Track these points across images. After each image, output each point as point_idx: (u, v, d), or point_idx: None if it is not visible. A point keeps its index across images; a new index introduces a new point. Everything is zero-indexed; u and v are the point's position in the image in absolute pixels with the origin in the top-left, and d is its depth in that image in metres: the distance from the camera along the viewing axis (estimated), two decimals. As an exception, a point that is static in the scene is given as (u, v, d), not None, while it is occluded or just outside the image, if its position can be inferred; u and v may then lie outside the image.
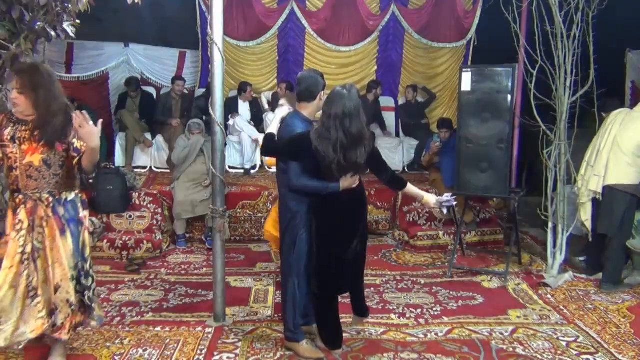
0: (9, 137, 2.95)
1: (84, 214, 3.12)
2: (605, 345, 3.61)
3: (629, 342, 3.68)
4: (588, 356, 3.47)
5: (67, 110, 3.01)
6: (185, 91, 7.61)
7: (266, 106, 7.81)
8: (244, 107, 7.60)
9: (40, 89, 2.91)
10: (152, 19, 7.58)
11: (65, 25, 4.20)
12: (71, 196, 3.07)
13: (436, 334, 3.74)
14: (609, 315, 4.12)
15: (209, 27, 3.56)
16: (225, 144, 6.92)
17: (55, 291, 2.99)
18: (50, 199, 2.98)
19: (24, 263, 2.92)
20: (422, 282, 4.83)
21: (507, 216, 6.06)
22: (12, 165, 2.97)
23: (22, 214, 2.95)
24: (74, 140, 2.96)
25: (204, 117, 6.71)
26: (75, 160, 3.00)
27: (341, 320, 3.42)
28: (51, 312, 2.99)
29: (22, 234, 2.93)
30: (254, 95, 7.82)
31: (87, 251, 3.12)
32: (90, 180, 3.16)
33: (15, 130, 2.95)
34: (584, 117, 4.79)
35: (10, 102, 3.05)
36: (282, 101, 3.98)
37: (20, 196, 2.97)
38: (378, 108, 8.01)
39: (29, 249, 2.94)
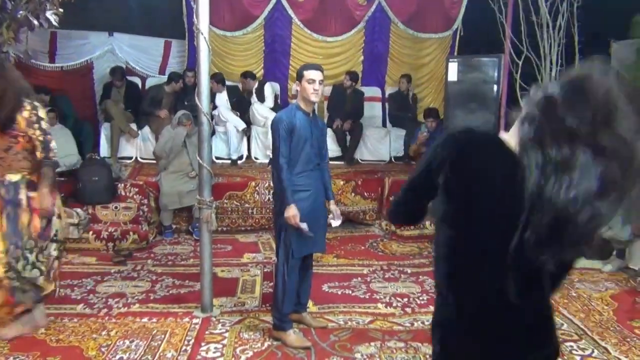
0: None
1: (28, 195, 3.15)
2: (589, 333, 3.67)
3: (611, 329, 3.73)
4: (572, 343, 3.52)
5: (17, 99, 3.05)
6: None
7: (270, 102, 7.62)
8: (221, 97, 7.39)
9: None
10: (138, 8, 7.49)
11: (49, 13, 4.15)
12: (15, 178, 3.13)
13: (422, 323, 3.76)
14: (592, 303, 4.17)
15: (194, 16, 3.53)
16: (214, 133, 6.87)
17: None
18: None
19: None
20: (409, 271, 4.86)
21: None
22: None
23: None
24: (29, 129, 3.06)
25: (186, 102, 6.66)
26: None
27: None
28: None
29: None
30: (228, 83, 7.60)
31: (25, 234, 3.12)
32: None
33: None
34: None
35: None
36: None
37: None
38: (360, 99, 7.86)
39: None
